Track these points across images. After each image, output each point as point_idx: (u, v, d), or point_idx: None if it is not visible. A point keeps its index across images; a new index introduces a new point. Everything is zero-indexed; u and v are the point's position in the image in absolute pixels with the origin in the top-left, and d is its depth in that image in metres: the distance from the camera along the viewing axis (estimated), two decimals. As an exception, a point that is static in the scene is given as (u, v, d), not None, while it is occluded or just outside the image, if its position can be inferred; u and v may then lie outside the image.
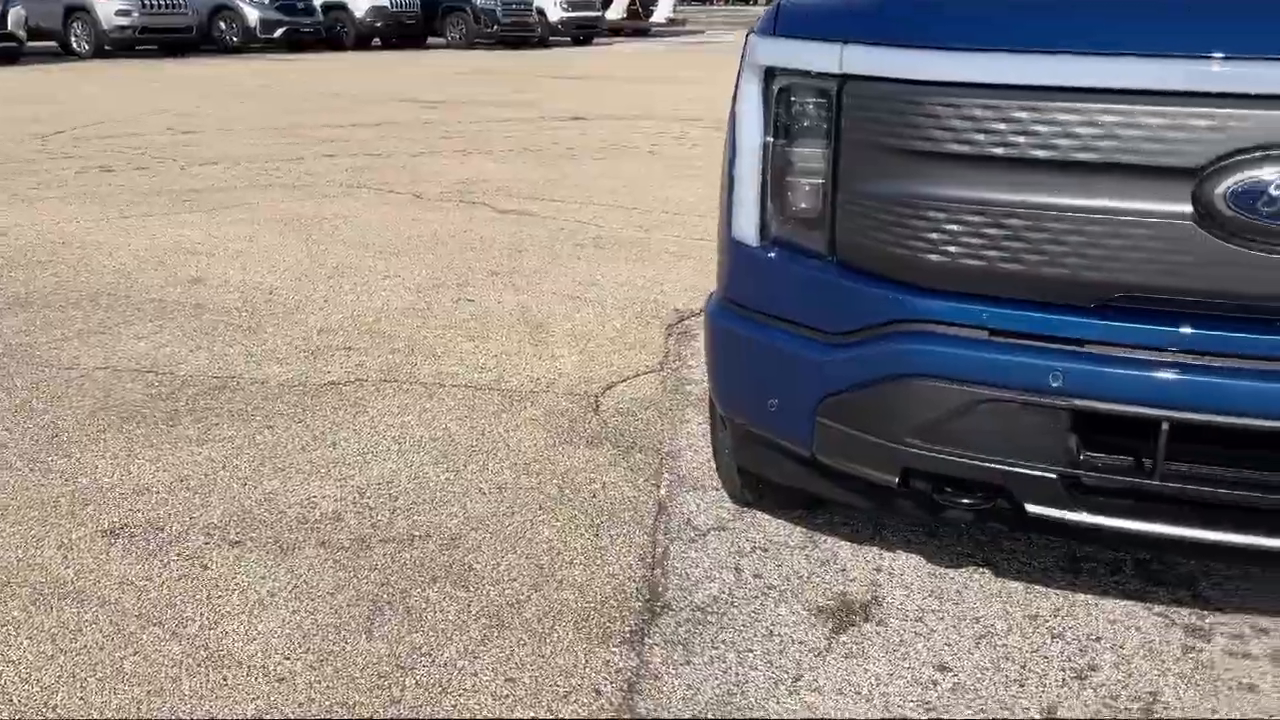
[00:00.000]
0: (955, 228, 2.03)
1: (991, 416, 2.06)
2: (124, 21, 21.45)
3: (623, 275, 5.49)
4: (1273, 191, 1.80)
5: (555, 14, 27.66)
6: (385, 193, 7.64)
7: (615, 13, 32.25)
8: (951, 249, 2.05)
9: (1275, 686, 2.27)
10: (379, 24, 25.88)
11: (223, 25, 23.75)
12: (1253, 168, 1.81)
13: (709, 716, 2.17)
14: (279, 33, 23.91)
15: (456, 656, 2.34)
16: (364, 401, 3.78)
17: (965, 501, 2.18)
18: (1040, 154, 1.93)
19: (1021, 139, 1.93)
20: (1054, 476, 2.04)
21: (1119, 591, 2.63)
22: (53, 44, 22.09)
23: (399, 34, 26.54)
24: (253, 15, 23.74)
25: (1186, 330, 1.93)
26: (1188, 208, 1.86)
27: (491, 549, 2.79)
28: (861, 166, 2.14)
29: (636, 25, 33.35)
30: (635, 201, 7.37)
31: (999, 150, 1.96)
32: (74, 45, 21.77)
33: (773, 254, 2.35)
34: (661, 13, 34.41)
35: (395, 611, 2.51)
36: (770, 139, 2.30)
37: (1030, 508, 2.08)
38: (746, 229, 2.40)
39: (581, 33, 28.48)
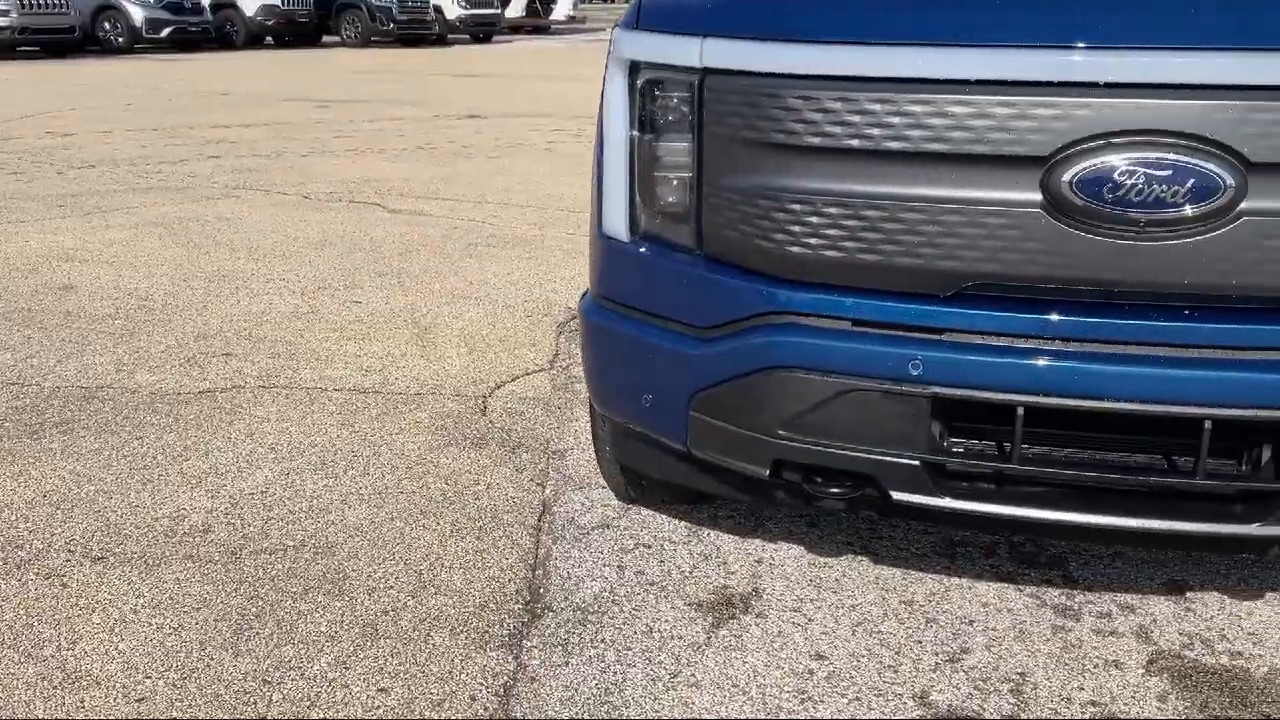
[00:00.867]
0: (815, 220, 2.04)
1: (856, 406, 2.07)
2: (2, 22, 20.61)
3: (515, 274, 5.45)
4: (1116, 178, 1.84)
5: (453, 11, 27.39)
6: (272, 194, 7.46)
7: (515, 10, 32.02)
8: (813, 241, 2.06)
9: (1139, 664, 2.33)
10: (271, 23, 25.32)
11: (107, 25, 23.00)
12: (1097, 155, 1.85)
13: (585, 717, 2.15)
14: (166, 32, 23.22)
15: (327, 668, 2.28)
16: (241, 409, 3.67)
17: (834, 491, 2.19)
18: (894, 145, 1.94)
19: (875, 131, 1.95)
20: (917, 463, 2.06)
21: (993, 574, 2.68)
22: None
23: (292, 33, 26.01)
24: (138, 15, 23.01)
25: (1040, 316, 1.97)
26: (1037, 196, 1.90)
27: (368, 556, 2.73)
28: (724, 160, 2.13)
29: (536, 23, 33.17)
30: (530, 199, 7.32)
31: (854, 142, 1.97)
32: (-52, 47, 20.90)
33: (643, 249, 2.34)
34: (562, 10, 34.27)
35: (264, 625, 2.43)
36: (636, 134, 2.29)
37: (896, 495, 2.10)
38: (616, 224, 2.39)
39: (480, 30, 28.25)
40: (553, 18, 33.79)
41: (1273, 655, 2.36)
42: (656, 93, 2.24)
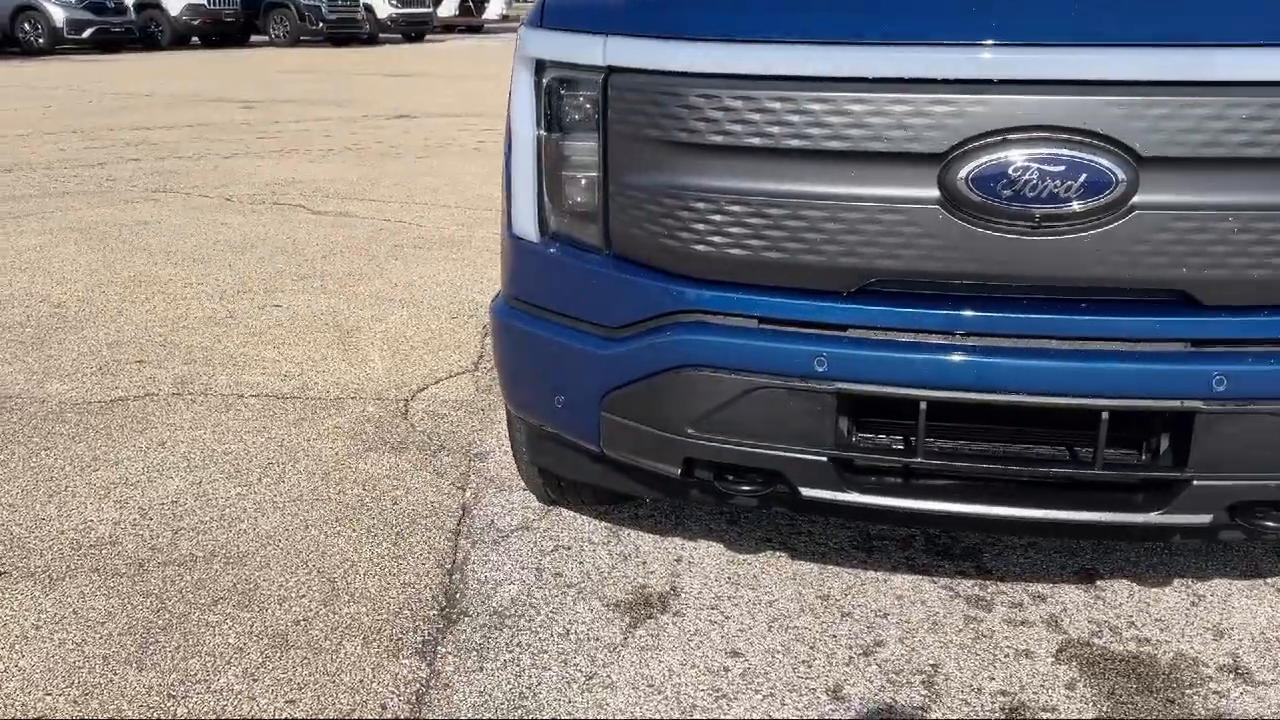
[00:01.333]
0: (719, 218, 2.04)
1: (763, 403, 2.07)
2: (-86, 23, 20.04)
3: (441, 275, 5.39)
4: (1011, 174, 1.86)
5: (384, 10, 27.11)
6: (193, 197, 7.31)
7: (447, 9, 31.76)
8: (717, 239, 2.05)
9: (1049, 652, 2.37)
10: (196, 22, 24.87)
11: (27, 26, 22.43)
12: (992, 151, 1.87)
13: (499, 722, 2.14)
14: (88, 33, 22.70)
15: (234, 681, 2.24)
16: (153, 417, 3.59)
17: (745, 488, 2.19)
18: (794, 143, 1.95)
19: (775, 129, 1.95)
20: (825, 459, 2.07)
21: (907, 567, 2.70)
22: None
23: (219, 33, 25.57)
24: (59, 15, 22.46)
25: (940, 312, 1.98)
26: (934, 192, 1.91)
27: (280, 565, 2.68)
28: (629, 159, 2.12)
29: (470, 22, 32.93)
30: (459, 200, 7.26)
31: (755, 140, 1.97)
32: None
33: (552, 249, 2.32)
34: (495, 9, 34.07)
35: (170, 638, 2.38)
36: (543, 133, 2.27)
37: (805, 491, 2.11)
38: (525, 225, 2.37)
39: (413, 29, 27.99)
40: (486, 17, 33.58)
41: (1178, 641, 2.41)
42: (562, 92, 2.22)
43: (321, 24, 25.76)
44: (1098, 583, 2.62)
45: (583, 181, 2.24)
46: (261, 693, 2.20)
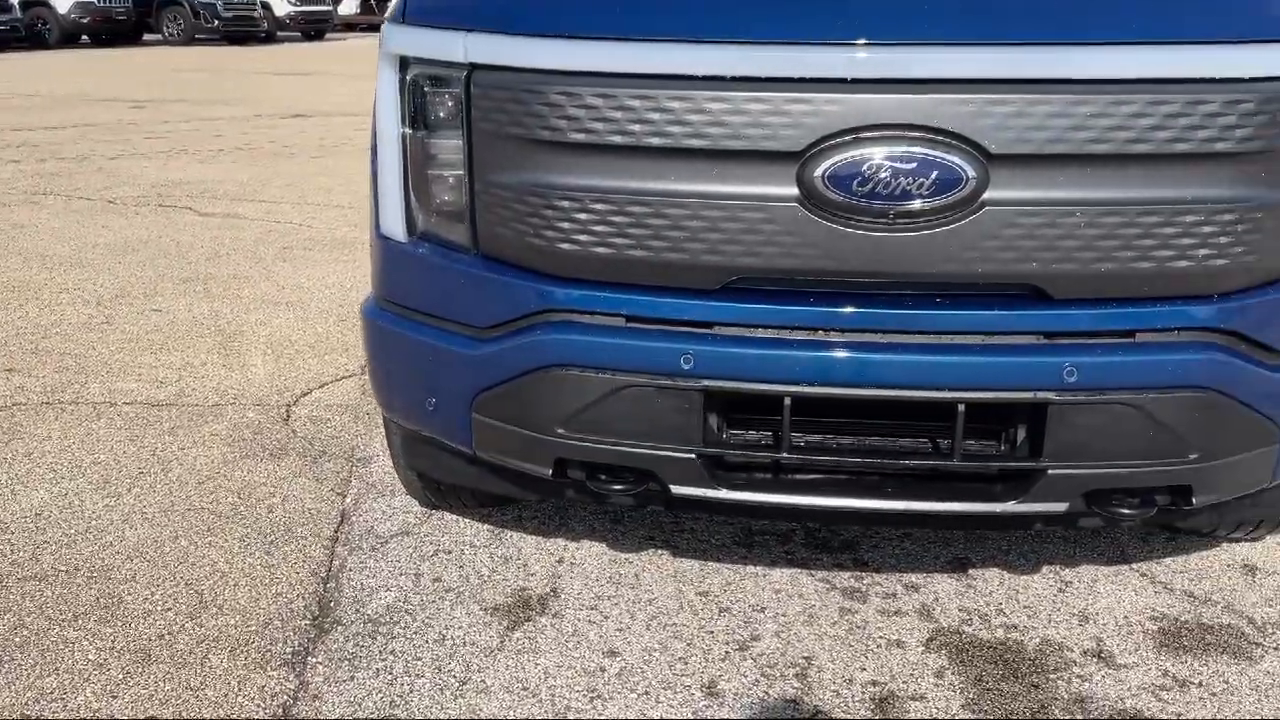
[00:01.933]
0: (584, 216, 2.03)
1: (632, 402, 2.07)
2: None
3: (331, 277, 5.30)
4: (866, 172, 1.88)
5: (283, 8, 26.60)
6: (74, 199, 7.07)
7: (348, 7, 31.26)
8: (583, 238, 2.04)
9: (920, 641, 2.41)
10: (86, 20, 24.09)
11: (-96, 24, 21.51)
12: (848, 149, 1.89)
13: (369, 732, 2.10)
14: (-32, 30, 21.85)
15: (92, 698, 2.16)
16: (20, 427, 3.45)
17: (618, 488, 2.18)
18: (655, 141, 1.95)
19: (636, 127, 1.95)
20: (694, 457, 2.07)
21: (786, 561, 2.72)
22: None
23: (110, 31, 24.81)
24: (-64, 11, 21.59)
25: (802, 308, 2.00)
26: (793, 190, 1.92)
27: (147, 578, 2.60)
28: (494, 157, 2.10)
29: (372, 20, 32.37)
30: (353, 200, 7.14)
31: (616, 138, 1.96)
32: None
33: (420, 249, 2.29)
34: (397, 7, 33.56)
35: (27, 655, 2.29)
36: (408, 131, 2.24)
37: (675, 489, 2.11)
38: (393, 225, 2.33)
39: (312, 28, 27.50)
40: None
41: (1045, 627, 2.47)
42: (425, 89, 2.19)
43: (217, 22, 25.16)
44: (970, 571, 2.68)
45: (449, 180, 2.21)
46: (121, 709, 2.13)
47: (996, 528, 2.69)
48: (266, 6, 26.03)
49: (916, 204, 1.89)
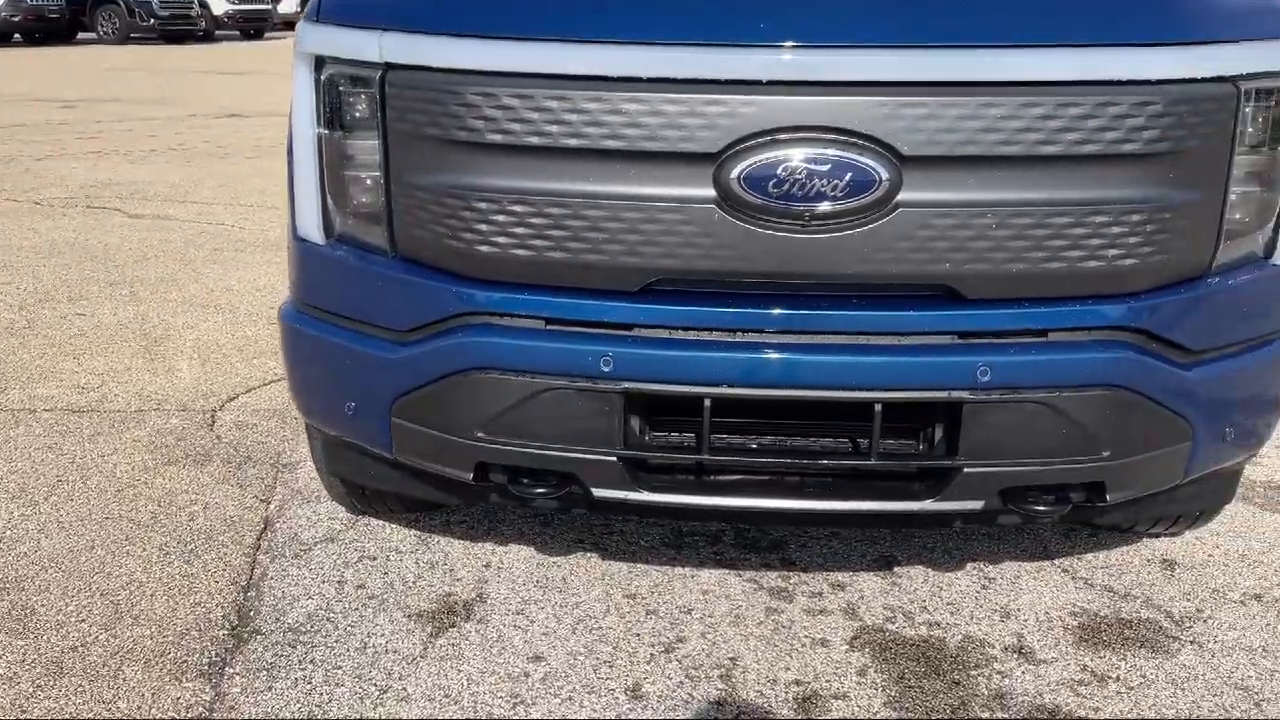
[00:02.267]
0: (502, 218, 2.01)
1: (553, 405, 2.05)
2: None
3: (262, 280, 5.22)
4: (781, 173, 1.89)
5: (221, 7, 26.20)
6: (-2, 201, 6.91)
7: (288, 5, 30.81)
8: (501, 240, 2.02)
9: (844, 640, 2.42)
10: (17, 19, 23.50)
11: None
12: (763, 151, 1.89)
13: (286, 743, 2.06)
14: (-108, 28, 21.25)
15: (0, 713, 2.10)
16: (-68, 436, 3.36)
17: (540, 491, 2.17)
18: (572, 142, 1.93)
19: (553, 128, 1.93)
20: (615, 460, 2.06)
21: (715, 562, 2.72)
22: None
23: (43, 30, 24.24)
24: None
25: (721, 310, 2.00)
26: (710, 192, 1.92)
27: (61, 589, 2.53)
28: (411, 158, 2.07)
29: (313, 19, 32.01)
30: (286, 201, 7.02)
31: (534, 139, 1.95)
32: None
33: (338, 252, 2.26)
34: (339, 7, 33.17)
35: (-69, 672, 2.22)
36: (324, 131, 2.21)
37: (597, 491, 2.10)
38: (310, 227, 2.30)
39: (251, 26, 27.10)
40: (330, 14, 32.71)
41: (967, 623, 2.49)
42: (340, 89, 2.16)
43: (153, 21, 24.69)
44: (895, 569, 2.69)
45: (366, 182, 2.19)
46: (27, 726, 2.08)
47: (917, 526, 2.71)
48: (204, 5, 25.62)
49: (831, 205, 1.89)
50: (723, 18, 1.93)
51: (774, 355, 1.98)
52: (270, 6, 27.98)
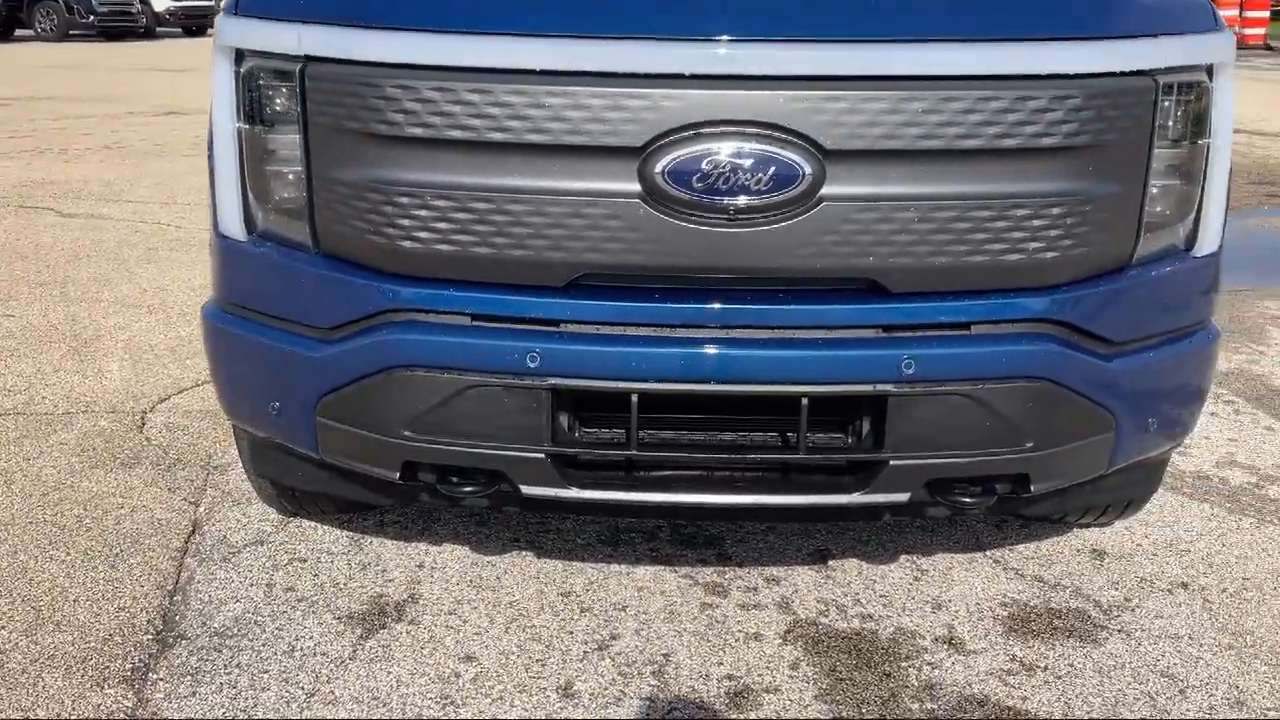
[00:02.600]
0: (425, 213, 1.99)
1: (479, 402, 2.03)
2: None
3: (197, 279, 5.13)
4: (704, 167, 1.88)
5: (162, 3, 25.78)
6: (-75, 200, 6.73)
7: (232, 3, 30.40)
8: (425, 235, 2.00)
9: (777, 634, 2.42)
10: (-50, 14, 22.99)
11: None
12: (687, 145, 1.88)
13: (209, 749, 2.02)
14: None
15: (-91, 727, 2.04)
16: None
17: (469, 489, 2.15)
18: (495, 136, 1.91)
19: (475, 122, 1.91)
20: (543, 456, 2.05)
21: (651, 558, 2.72)
22: None
23: (-23, 26, 23.72)
24: None
25: (647, 304, 1.99)
26: (635, 186, 1.91)
27: (-22, 596, 2.47)
28: (332, 153, 2.04)
29: (257, 16, 31.62)
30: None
31: (456, 133, 1.93)
32: None
33: (260, 249, 2.22)
34: (284, 3, 32.81)
35: None
36: (244, 125, 2.17)
37: (526, 489, 2.08)
38: (231, 223, 2.26)
39: (193, 23, 26.67)
40: (274, 11, 32.33)
41: (899, 615, 2.50)
42: (260, 82, 2.12)
43: (93, 17, 24.22)
44: (829, 563, 2.70)
45: (288, 177, 2.15)
46: (-61, 738, 2.02)
47: (847, 519, 2.72)
48: (145, 2, 25.17)
49: (755, 200, 1.89)
50: (645, 12, 1.93)
51: (700, 350, 1.97)
52: (213, 3, 27.50)
